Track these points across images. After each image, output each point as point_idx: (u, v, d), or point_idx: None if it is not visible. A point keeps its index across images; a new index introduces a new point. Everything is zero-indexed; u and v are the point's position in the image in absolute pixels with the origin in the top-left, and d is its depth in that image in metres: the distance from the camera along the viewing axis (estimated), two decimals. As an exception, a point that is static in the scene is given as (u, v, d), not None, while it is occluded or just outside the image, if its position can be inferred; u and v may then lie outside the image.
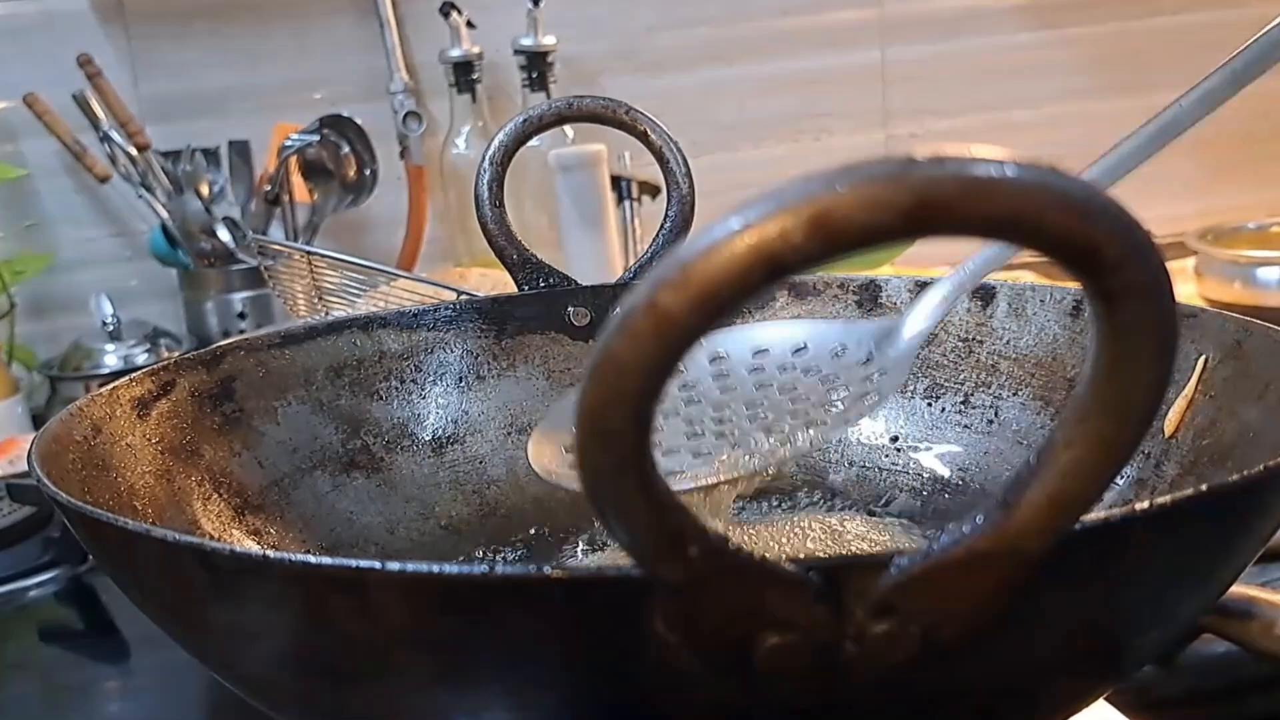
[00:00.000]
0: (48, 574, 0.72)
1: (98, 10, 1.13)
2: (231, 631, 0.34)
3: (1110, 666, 0.36)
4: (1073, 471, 0.24)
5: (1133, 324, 0.23)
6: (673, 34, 1.23)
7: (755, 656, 0.26)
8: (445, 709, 0.32)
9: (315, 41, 1.18)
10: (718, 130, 1.25)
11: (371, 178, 1.13)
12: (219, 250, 1.10)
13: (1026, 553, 0.25)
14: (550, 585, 0.28)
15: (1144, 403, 0.24)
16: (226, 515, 0.50)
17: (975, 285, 0.51)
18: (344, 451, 0.56)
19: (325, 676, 0.33)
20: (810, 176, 0.21)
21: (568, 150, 1.03)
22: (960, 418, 0.56)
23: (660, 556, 0.25)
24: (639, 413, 0.22)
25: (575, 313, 0.61)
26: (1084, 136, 1.27)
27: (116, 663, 0.65)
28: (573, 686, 0.30)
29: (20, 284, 1.07)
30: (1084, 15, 1.28)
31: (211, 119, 1.15)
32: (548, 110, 0.61)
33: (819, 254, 0.21)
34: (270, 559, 0.34)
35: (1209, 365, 0.48)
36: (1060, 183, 0.22)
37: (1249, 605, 0.48)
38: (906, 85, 1.27)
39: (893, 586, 0.26)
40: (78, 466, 0.44)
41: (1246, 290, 1.02)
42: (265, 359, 0.55)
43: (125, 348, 1.03)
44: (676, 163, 0.61)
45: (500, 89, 1.20)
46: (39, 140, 1.11)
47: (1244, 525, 0.34)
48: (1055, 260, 0.22)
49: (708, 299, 0.21)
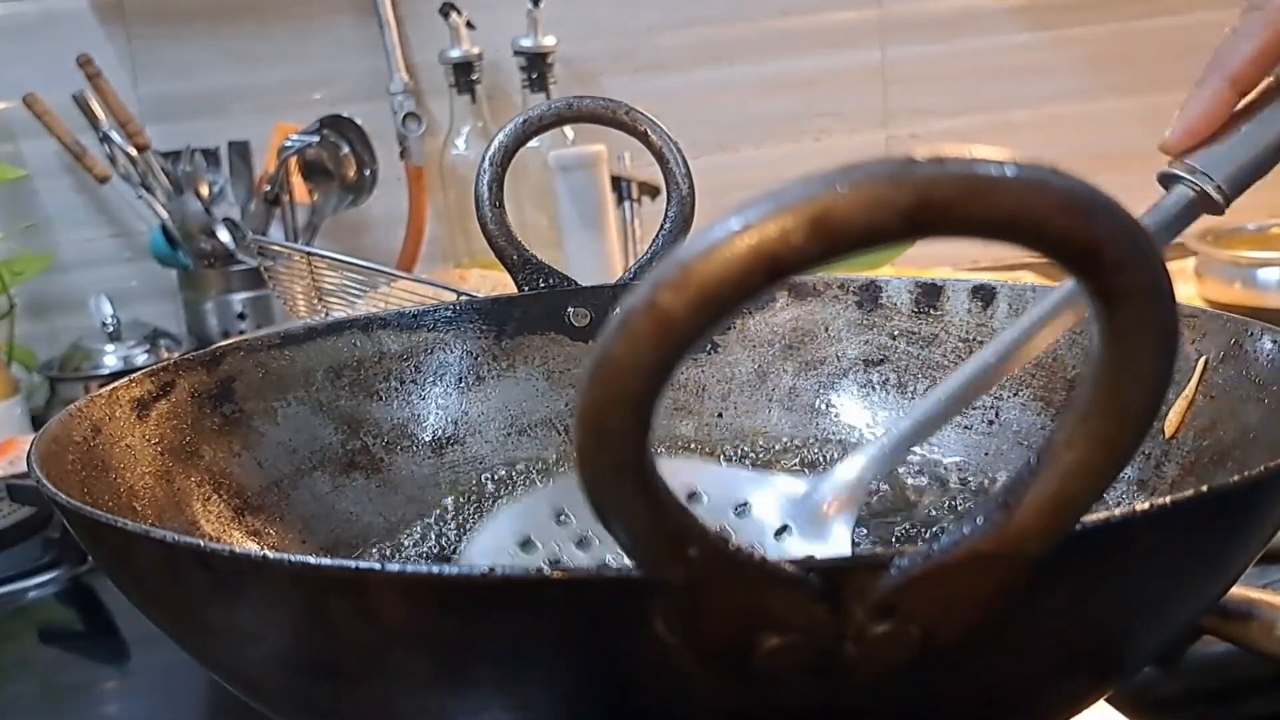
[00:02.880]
0: (47, 575, 0.72)
1: (98, 10, 1.13)
2: (231, 632, 0.34)
3: (1110, 667, 0.36)
4: (1073, 472, 0.24)
5: (1133, 324, 0.23)
6: (673, 34, 1.23)
7: (755, 657, 0.26)
8: (445, 709, 0.32)
9: (315, 42, 1.18)
10: (718, 130, 1.25)
11: (371, 178, 1.13)
12: (219, 251, 1.10)
13: (1027, 553, 0.25)
14: (550, 585, 0.28)
15: (1144, 403, 0.24)
16: (226, 516, 0.50)
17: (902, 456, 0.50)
18: (344, 452, 0.56)
19: (325, 677, 0.33)
20: (810, 177, 0.21)
21: (568, 151, 1.03)
22: (960, 418, 0.56)
23: (660, 557, 0.25)
24: (639, 413, 0.22)
25: (575, 313, 0.61)
26: (1084, 137, 1.28)
27: (116, 663, 0.65)
28: (572, 687, 0.30)
29: (20, 284, 1.07)
30: (1084, 15, 1.28)
31: (211, 119, 1.15)
32: (548, 111, 0.61)
33: (819, 254, 0.21)
34: (270, 560, 0.34)
35: (1209, 365, 0.48)
36: (1060, 183, 0.22)
37: (1249, 606, 0.48)
38: (906, 85, 1.27)
39: (893, 587, 0.26)
40: (77, 467, 0.44)
41: (1246, 291, 1.02)
42: (265, 360, 0.55)
43: (125, 348, 1.03)
44: (676, 163, 0.61)
45: (500, 89, 1.20)
46: (39, 141, 1.11)
47: (1244, 526, 0.34)
48: (1055, 260, 0.22)
49: (708, 299, 0.21)
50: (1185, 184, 0.46)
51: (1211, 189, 0.46)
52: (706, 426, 0.60)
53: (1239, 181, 0.46)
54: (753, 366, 0.61)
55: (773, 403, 0.60)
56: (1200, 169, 0.46)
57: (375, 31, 1.16)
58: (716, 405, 0.60)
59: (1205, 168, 0.46)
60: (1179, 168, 0.46)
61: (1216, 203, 0.46)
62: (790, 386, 0.60)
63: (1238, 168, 0.46)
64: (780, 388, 0.60)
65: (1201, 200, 0.46)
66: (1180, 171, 0.46)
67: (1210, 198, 0.46)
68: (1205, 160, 0.46)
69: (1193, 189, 0.46)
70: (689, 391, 0.61)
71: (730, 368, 0.61)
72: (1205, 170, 0.46)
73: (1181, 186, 0.46)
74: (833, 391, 0.59)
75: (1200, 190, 0.46)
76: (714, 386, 0.61)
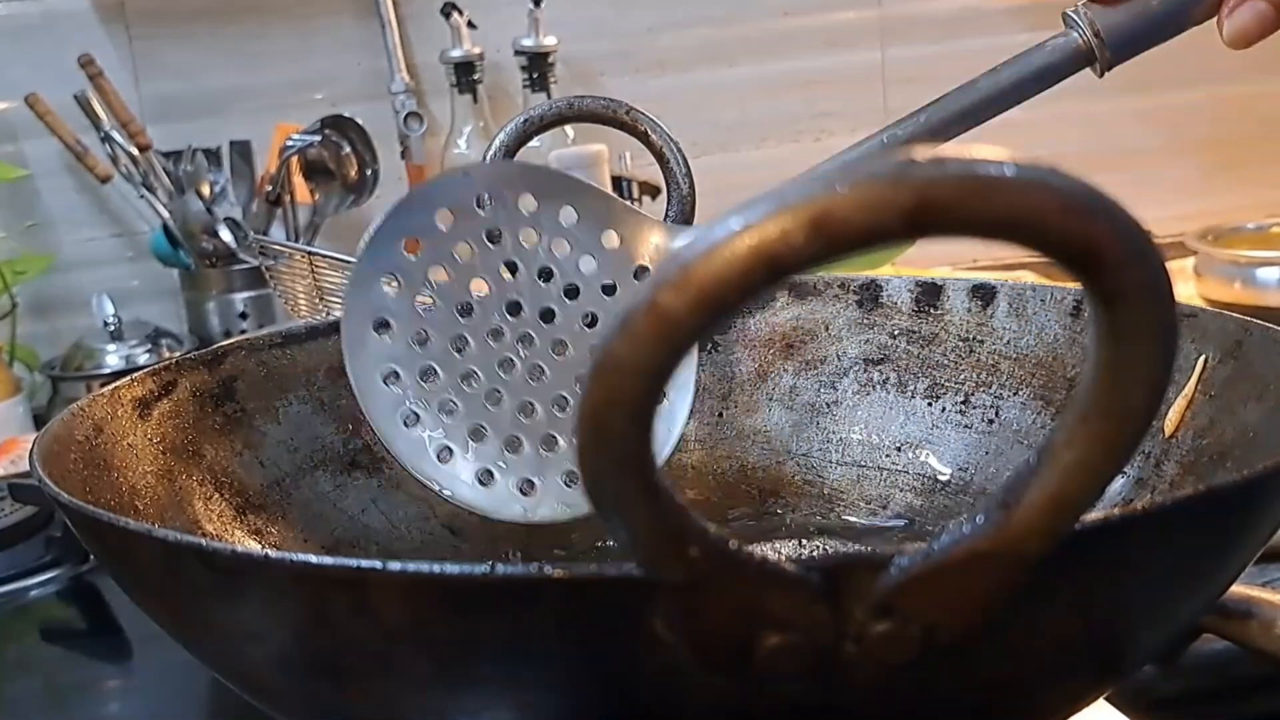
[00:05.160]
0: (49, 574, 0.72)
1: (99, 10, 1.13)
2: (233, 631, 0.34)
3: (1110, 666, 0.36)
4: (1073, 472, 0.25)
5: (1133, 324, 0.23)
6: (673, 34, 1.23)
7: (755, 656, 0.26)
8: (445, 709, 0.32)
9: (316, 42, 1.18)
10: (718, 130, 1.25)
11: (373, 178, 1.13)
12: (220, 250, 1.10)
13: (1026, 553, 0.26)
14: (550, 585, 0.28)
15: (1144, 403, 0.24)
16: (228, 515, 0.50)
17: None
18: (345, 451, 0.56)
19: (326, 676, 0.33)
20: (810, 177, 0.22)
21: (568, 150, 1.03)
22: (960, 418, 0.56)
23: (661, 556, 0.25)
24: (640, 414, 0.22)
25: (576, 313, 0.61)
26: (1084, 136, 1.28)
27: (118, 662, 0.65)
28: (572, 686, 0.30)
29: (22, 284, 1.07)
30: (1084, 15, 1.28)
31: (213, 119, 1.15)
32: (548, 110, 0.61)
33: (819, 254, 0.21)
34: (271, 559, 0.34)
35: (1209, 365, 0.48)
36: (1060, 183, 0.22)
37: (1249, 605, 0.48)
38: (906, 85, 1.27)
39: (893, 587, 0.26)
40: (79, 466, 0.44)
41: (1246, 290, 1.02)
42: (267, 359, 0.55)
43: (127, 348, 1.03)
44: (677, 163, 0.61)
45: (501, 89, 1.20)
46: (40, 140, 1.11)
47: (1244, 525, 0.34)
48: (1055, 260, 0.22)
49: (708, 299, 0.21)
50: (1078, 31, 0.47)
51: (1097, 45, 0.46)
52: (707, 426, 0.60)
53: (1123, 43, 0.47)
54: (753, 365, 0.61)
55: (773, 402, 0.60)
56: (1095, 21, 0.46)
57: (376, 31, 1.16)
58: (717, 404, 0.61)
59: (1100, 20, 0.46)
60: (1078, 14, 0.47)
61: (1095, 62, 0.46)
62: (791, 385, 0.60)
63: (1128, 31, 0.47)
64: (781, 387, 0.60)
65: (1084, 53, 0.46)
66: (1076, 17, 0.47)
67: (1091, 53, 0.46)
68: (1103, 14, 0.47)
69: (1081, 36, 0.46)
70: (690, 391, 0.61)
71: (730, 367, 0.61)
72: (1099, 23, 0.46)
73: (1074, 33, 0.47)
74: (833, 391, 0.59)
75: (1085, 40, 0.46)
76: (714, 385, 0.61)
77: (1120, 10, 0.47)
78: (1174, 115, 1.28)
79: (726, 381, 0.61)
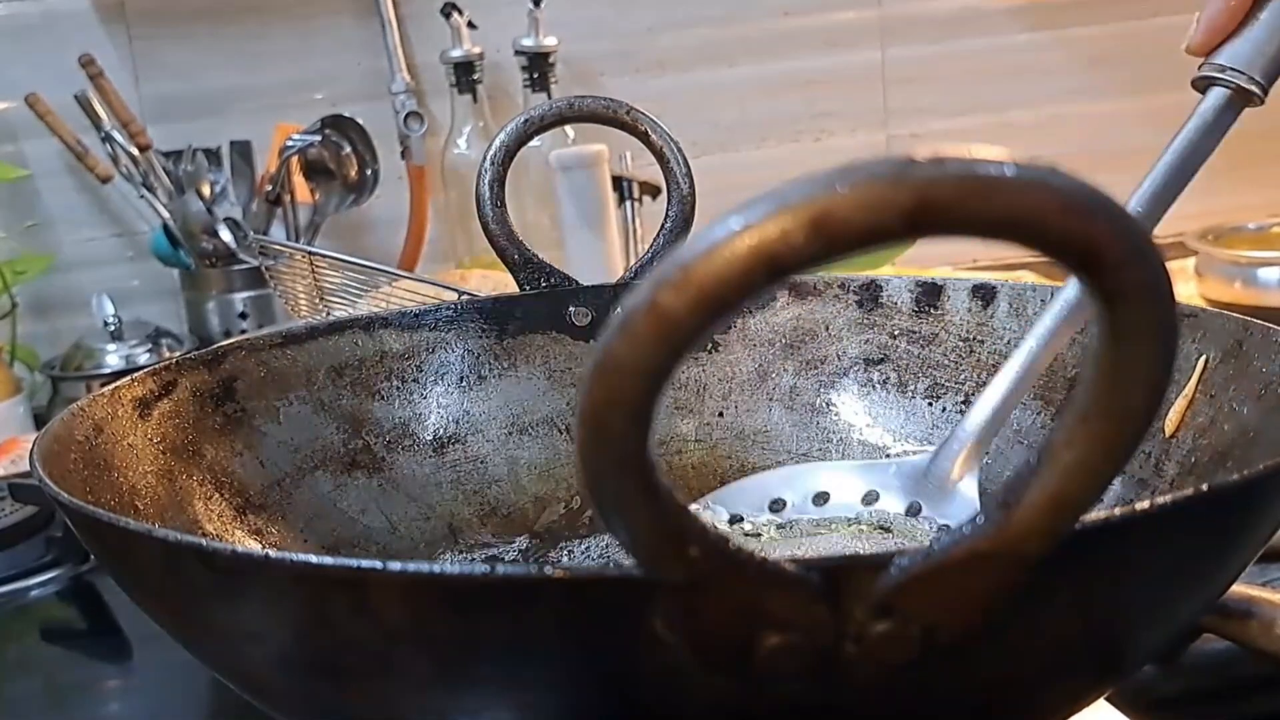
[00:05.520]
0: (49, 573, 0.72)
1: (99, 10, 1.13)
2: (233, 631, 0.34)
3: (1110, 666, 0.36)
4: (1073, 472, 0.24)
5: (1133, 324, 0.23)
6: (673, 34, 1.23)
7: (755, 656, 0.26)
8: (445, 709, 0.32)
9: (317, 42, 1.18)
10: (718, 130, 1.25)
11: (373, 178, 1.13)
12: (220, 250, 1.10)
13: (1026, 553, 0.26)
14: (550, 585, 0.28)
15: (1144, 403, 0.24)
16: (228, 515, 0.50)
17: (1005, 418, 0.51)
18: (345, 451, 0.56)
19: (326, 676, 0.33)
20: (810, 177, 0.22)
21: (569, 150, 1.03)
22: (961, 418, 0.56)
23: (661, 556, 0.25)
24: (640, 413, 0.22)
25: (576, 312, 0.61)
26: (1084, 137, 1.28)
27: (118, 662, 0.65)
28: (572, 686, 0.31)
29: (22, 284, 1.07)
30: (1084, 15, 1.28)
31: (213, 119, 1.15)
32: (549, 110, 0.61)
33: (819, 254, 0.21)
34: (271, 559, 0.34)
35: (1209, 365, 0.48)
36: (1060, 183, 0.22)
37: (1249, 605, 0.48)
38: (906, 85, 1.27)
39: (893, 587, 0.26)
40: (79, 466, 0.44)
41: (1246, 290, 1.02)
42: (267, 359, 0.55)
43: (127, 348, 1.03)
44: (677, 163, 0.61)
45: (501, 89, 1.20)
46: (40, 140, 1.11)
47: (1244, 525, 0.34)
48: (1055, 260, 0.22)
49: (708, 299, 0.21)
50: (1220, 84, 0.46)
51: (1245, 81, 0.46)
52: (707, 426, 0.60)
53: (1272, 69, 0.46)
54: (753, 365, 0.61)
55: (773, 402, 0.60)
56: (1231, 65, 0.46)
57: (377, 31, 1.16)
58: (717, 404, 0.61)
59: (1235, 63, 0.46)
60: (1210, 69, 0.46)
61: (1254, 95, 0.46)
62: (791, 385, 0.60)
63: (1268, 57, 0.46)
64: (781, 387, 0.60)
65: (1239, 96, 0.46)
66: (1212, 73, 0.46)
67: (1247, 91, 0.46)
68: (1233, 55, 0.46)
69: (1228, 86, 0.46)
70: (689, 390, 0.61)
71: (731, 367, 0.61)
72: (1236, 65, 0.46)
73: (1217, 87, 0.46)
74: (833, 390, 0.59)
75: (1235, 86, 0.46)
76: (715, 385, 0.61)
77: (1243, 40, 0.46)
78: (1174, 116, 1.28)
79: (726, 381, 0.61)
